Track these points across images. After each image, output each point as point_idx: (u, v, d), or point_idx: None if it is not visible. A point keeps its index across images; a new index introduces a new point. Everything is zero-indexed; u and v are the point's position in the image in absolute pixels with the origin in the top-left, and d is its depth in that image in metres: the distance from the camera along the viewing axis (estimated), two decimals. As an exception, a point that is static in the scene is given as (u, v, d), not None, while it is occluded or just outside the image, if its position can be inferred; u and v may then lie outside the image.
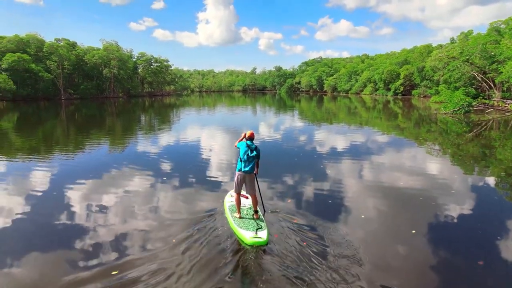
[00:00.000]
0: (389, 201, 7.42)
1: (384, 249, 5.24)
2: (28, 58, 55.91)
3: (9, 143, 15.79)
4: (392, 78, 68.63)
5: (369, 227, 6.05)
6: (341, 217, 6.51)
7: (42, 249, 5.22)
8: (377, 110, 37.09)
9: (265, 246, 5.18)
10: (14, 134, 18.91)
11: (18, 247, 5.25)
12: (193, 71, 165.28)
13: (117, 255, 4.93)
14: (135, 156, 12.47)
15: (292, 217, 6.23)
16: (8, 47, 56.39)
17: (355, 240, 5.37)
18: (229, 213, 6.14)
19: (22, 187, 8.36)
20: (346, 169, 10.28)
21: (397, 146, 14.92)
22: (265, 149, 13.90)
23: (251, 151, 5.94)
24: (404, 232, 5.87)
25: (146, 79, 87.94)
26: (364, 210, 6.83)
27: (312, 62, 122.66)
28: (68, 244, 5.32)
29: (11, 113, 33.35)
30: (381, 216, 6.60)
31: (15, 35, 59.68)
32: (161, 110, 40.66)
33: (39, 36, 63.66)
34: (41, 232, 5.86)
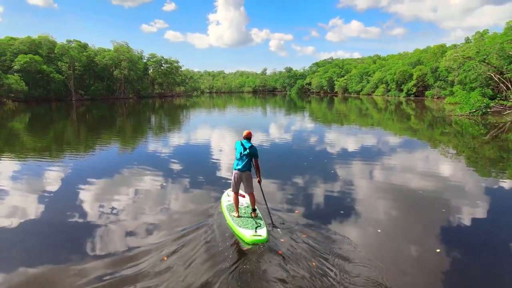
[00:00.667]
0: (407, 212, 6.90)
1: (404, 273, 4.59)
2: (40, 59, 56.62)
3: (21, 144, 15.88)
4: (405, 78, 67.59)
5: (385, 242, 5.44)
6: (355, 229, 5.87)
7: (55, 244, 5.39)
8: (389, 112, 36.43)
9: (266, 243, 5.17)
10: (26, 135, 19.04)
11: (31, 244, 5.39)
12: (204, 72, 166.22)
13: (121, 249, 5.11)
14: (145, 157, 12.48)
15: (302, 230, 5.62)
16: (21, 48, 57.22)
17: (372, 259, 4.77)
18: (227, 213, 6.12)
19: (35, 187, 8.41)
20: (359, 174, 9.82)
21: (409, 148, 14.44)
22: (274, 151, 13.74)
23: (244, 149, 6.00)
24: (427, 250, 5.25)
25: (156, 80, 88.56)
26: (380, 222, 6.20)
27: (323, 63, 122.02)
28: (78, 238, 5.52)
29: (23, 114, 33.73)
30: (400, 233, 5.82)
31: (28, 37, 60.52)
32: (171, 111, 40.73)
33: (51, 37, 64.55)
34: (53, 229, 5.97)
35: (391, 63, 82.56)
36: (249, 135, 6.23)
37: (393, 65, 77.15)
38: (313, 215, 6.42)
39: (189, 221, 6.09)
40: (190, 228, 5.71)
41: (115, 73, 70.02)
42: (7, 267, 4.62)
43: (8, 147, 14.97)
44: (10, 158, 12.20)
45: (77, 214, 6.55)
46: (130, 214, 6.59)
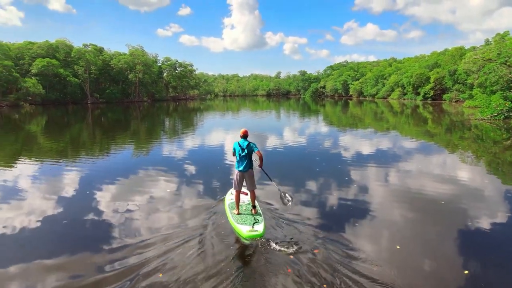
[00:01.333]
0: (428, 225, 6.32)
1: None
2: (57, 63, 57.91)
3: (38, 146, 16.14)
4: (422, 82, 66.25)
5: (406, 260, 4.99)
6: (371, 245, 5.38)
7: (72, 243, 5.56)
8: (405, 115, 35.65)
9: (262, 238, 5.44)
10: (43, 137, 19.35)
11: (49, 240, 5.68)
12: (218, 75, 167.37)
13: (133, 240, 5.49)
14: (159, 159, 12.64)
15: (314, 244, 5.29)
16: (39, 52, 58.66)
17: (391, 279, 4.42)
18: (229, 210, 6.43)
19: (52, 187, 8.61)
20: (375, 182, 9.37)
21: (427, 153, 13.91)
22: (287, 155, 13.50)
23: (243, 150, 6.20)
24: (454, 271, 4.92)
25: (170, 83, 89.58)
26: (399, 236, 5.76)
27: (337, 66, 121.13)
28: (91, 235, 5.83)
29: (40, 117, 34.42)
30: (421, 250, 5.26)
31: (45, 41, 62.04)
32: (185, 114, 40.92)
33: (68, 41, 66.09)
34: (70, 229, 6.12)
35: (408, 66, 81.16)
36: (245, 133, 6.40)
37: (409, 68, 75.82)
38: (326, 227, 6.04)
39: (196, 218, 6.40)
40: (195, 225, 6.08)
41: (130, 76, 71.08)
42: (27, 260, 4.89)
43: (26, 150, 15.26)
44: (29, 160, 12.37)
45: (91, 213, 6.75)
46: (142, 210, 6.94)
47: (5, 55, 53.38)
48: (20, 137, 19.51)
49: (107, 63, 69.21)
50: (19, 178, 9.61)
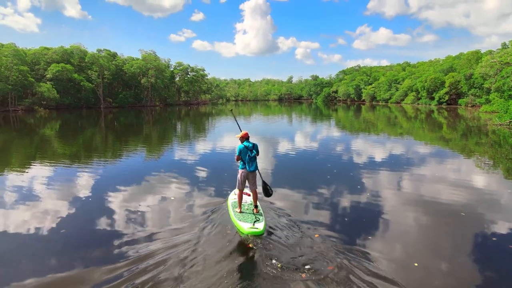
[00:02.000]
0: (448, 239, 5.93)
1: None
2: (71, 68, 58.97)
3: (52, 150, 16.39)
4: (436, 86, 65.19)
5: (425, 279, 4.59)
6: (387, 263, 4.93)
7: (83, 244, 5.72)
8: (419, 120, 35.03)
9: (262, 235, 5.68)
10: (57, 141, 19.63)
11: (62, 243, 5.74)
12: (230, 80, 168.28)
13: (143, 240, 5.73)
14: (169, 162, 12.94)
15: (325, 259, 5.00)
16: (54, 57, 59.87)
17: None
18: (231, 209, 6.65)
19: (65, 191, 8.75)
20: (389, 192, 9.03)
21: (443, 160, 13.55)
22: (298, 161, 13.36)
23: (251, 152, 6.46)
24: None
25: (182, 88, 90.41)
26: (417, 252, 5.34)
27: (350, 70, 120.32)
28: (103, 239, 5.93)
29: (54, 121, 35.04)
30: (442, 268, 4.86)
31: (60, 47, 63.28)
32: (197, 119, 41.10)
33: (82, 47, 67.32)
34: (81, 231, 6.28)
35: (422, 70, 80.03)
36: (246, 135, 6.70)
37: (423, 72, 74.73)
38: (337, 239, 5.74)
39: (200, 217, 6.73)
40: (199, 222, 6.41)
41: (143, 81, 71.92)
42: (40, 264, 4.98)
43: (41, 153, 15.53)
44: (43, 163, 12.58)
45: (103, 217, 6.87)
46: (150, 209, 7.36)
47: (21, 60, 54.60)
48: (35, 141, 19.87)
49: (120, 68, 70.18)
50: (34, 181, 9.79)
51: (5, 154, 15.33)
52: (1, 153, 15.79)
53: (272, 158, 13.65)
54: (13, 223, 6.56)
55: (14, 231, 6.17)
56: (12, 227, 6.36)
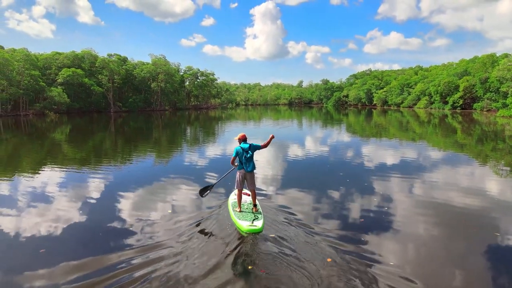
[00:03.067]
0: (469, 256, 5.50)
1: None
2: (82, 73, 59.76)
3: (63, 154, 16.53)
4: (450, 90, 64.03)
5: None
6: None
7: (93, 243, 5.93)
8: (432, 125, 34.30)
9: (260, 233, 5.93)
10: (67, 145, 19.80)
11: (74, 242, 5.97)
12: (240, 84, 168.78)
13: (148, 239, 5.91)
14: (177, 166, 13.22)
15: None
16: (65, 62, 60.80)
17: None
18: (231, 208, 6.89)
19: (76, 194, 8.90)
20: (402, 200, 8.72)
21: (458, 165, 13.12)
22: (307, 168, 13.08)
23: (247, 153, 6.71)
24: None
25: (192, 92, 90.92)
26: (433, 267, 5.09)
27: (361, 74, 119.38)
28: (113, 236, 6.28)
29: (64, 126, 35.45)
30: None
31: (72, 51, 64.24)
32: (206, 123, 41.11)
33: (93, 52, 68.26)
34: (91, 232, 6.43)
35: (435, 74, 78.82)
36: (244, 137, 6.96)
37: (436, 76, 73.60)
38: (339, 238, 5.76)
39: (203, 215, 7.00)
40: (201, 221, 6.65)
41: (153, 85, 72.51)
42: (52, 261, 5.14)
43: (51, 157, 15.71)
44: (54, 167, 12.70)
45: (112, 219, 7.03)
46: (155, 208, 7.70)
47: (33, 65, 55.60)
48: (45, 145, 20.04)
49: (130, 73, 70.94)
50: (45, 184, 9.91)
51: (17, 158, 15.56)
52: (13, 157, 15.98)
53: (281, 162, 13.55)
54: (25, 223, 6.73)
55: (27, 231, 6.34)
56: (24, 227, 6.54)
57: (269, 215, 6.83)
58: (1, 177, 11.11)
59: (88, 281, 4.47)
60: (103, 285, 4.36)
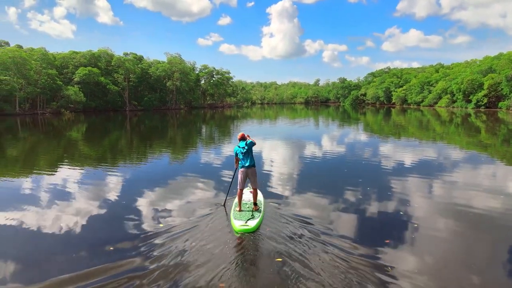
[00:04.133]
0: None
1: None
2: (98, 72, 60.68)
3: (79, 152, 16.78)
4: (474, 88, 62.09)
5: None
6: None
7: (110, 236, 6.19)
8: (454, 124, 33.19)
9: (253, 233, 5.87)
10: (84, 144, 20.11)
11: (92, 237, 6.16)
12: (256, 83, 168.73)
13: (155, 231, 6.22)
14: (191, 165, 13.12)
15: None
16: (81, 61, 61.89)
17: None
18: (233, 208, 6.93)
19: (91, 191, 9.09)
20: (423, 204, 8.41)
21: (482, 167, 12.52)
22: (325, 166, 12.84)
23: (243, 149, 6.85)
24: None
25: (208, 91, 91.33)
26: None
27: (379, 72, 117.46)
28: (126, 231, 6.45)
29: (80, 124, 36.05)
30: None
31: (88, 51, 65.34)
32: (222, 122, 41.15)
33: (109, 51, 69.23)
34: (109, 226, 6.75)
35: (457, 71, 76.63)
36: (243, 136, 7.07)
37: (459, 74, 71.42)
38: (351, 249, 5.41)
39: (206, 214, 6.97)
40: (201, 219, 6.64)
41: (168, 84, 73.07)
42: (73, 252, 5.41)
43: (68, 155, 16.00)
44: (71, 165, 13.03)
45: (128, 214, 7.20)
46: (165, 208, 7.66)
47: (51, 64, 56.76)
48: (61, 144, 20.41)
49: (146, 71, 71.63)
50: (63, 182, 10.12)
51: (35, 156, 15.87)
52: (31, 155, 16.29)
53: (296, 162, 13.39)
54: (45, 219, 6.96)
55: (47, 227, 6.57)
56: (45, 222, 6.77)
57: (272, 216, 6.75)
58: (20, 175, 11.39)
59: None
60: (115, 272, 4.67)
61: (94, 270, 4.74)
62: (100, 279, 4.49)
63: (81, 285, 4.38)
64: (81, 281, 4.48)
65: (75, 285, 4.38)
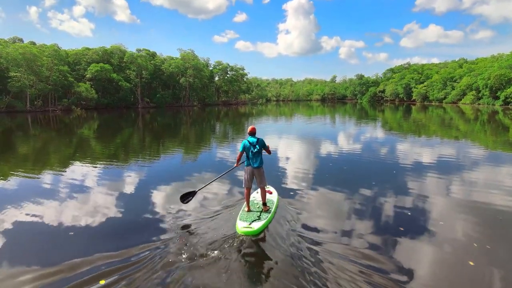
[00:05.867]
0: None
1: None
2: (110, 68, 60.94)
3: (91, 150, 16.79)
4: (502, 84, 59.66)
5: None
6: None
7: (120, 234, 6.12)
8: (480, 122, 31.83)
9: (255, 236, 5.60)
10: (95, 141, 20.18)
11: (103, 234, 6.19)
12: (271, 80, 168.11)
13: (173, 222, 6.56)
14: (205, 164, 12.83)
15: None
16: (94, 58, 62.40)
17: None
18: (242, 208, 6.71)
19: (103, 189, 9.03)
20: (440, 204, 7.95)
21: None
22: (337, 163, 12.35)
23: (254, 147, 6.42)
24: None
25: (222, 88, 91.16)
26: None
27: (398, 68, 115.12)
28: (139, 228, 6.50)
29: (92, 121, 36.35)
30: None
31: (101, 47, 65.92)
32: (236, 120, 40.70)
33: (122, 47, 69.68)
34: (120, 224, 6.71)
35: (482, 66, 73.95)
36: (253, 130, 6.64)
37: (485, 69, 68.86)
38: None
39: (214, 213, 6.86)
40: (204, 220, 6.48)
41: (181, 81, 73.19)
42: (86, 249, 5.43)
43: (80, 152, 16.09)
44: (81, 163, 12.78)
45: (139, 212, 7.19)
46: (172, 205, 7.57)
47: (63, 60, 57.27)
48: (74, 141, 20.49)
49: (159, 68, 71.75)
50: (73, 180, 10.06)
51: (45, 154, 15.92)
52: (41, 152, 16.34)
53: (311, 161, 13.06)
54: (59, 215, 7.06)
55: (61, 221, 6.70)
56: (58, 218, 6.89)
57: (284, 217, 6.56)
58: (31, 172, 11.33)
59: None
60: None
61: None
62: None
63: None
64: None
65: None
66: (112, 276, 4.54)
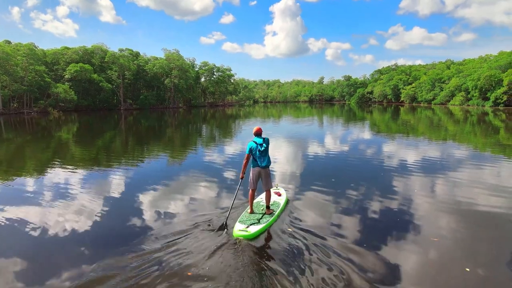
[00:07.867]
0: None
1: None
2: (90, 68, 59.32)
3: (70, 153, 16.26)
4: (492, 85, 60.58)
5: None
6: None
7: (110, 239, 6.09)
8: (470, 123, 32.18)
9: (250, 240, 5.51)
10: (74, 145, 19.54)
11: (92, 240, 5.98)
12: (259, 81, 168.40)
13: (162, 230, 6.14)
14: (196, 166, 12.66)
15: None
16: (73, 57, 60.65)
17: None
18: (246, 209, 6.65)
19: (84, 196, 8.64)
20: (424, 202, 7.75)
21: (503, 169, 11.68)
22: (328, 167, 12.04)
23: (261, 146, 6.40)
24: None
25: (208, 89, 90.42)
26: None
27: (386, 70, 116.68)
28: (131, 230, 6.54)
29: (71, 124, 35.38)
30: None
31: (81, 46, 64.24)
32: (222, 122, 40.11)
33: (104, 46, 68.21)
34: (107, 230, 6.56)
35: (471, 67, 75.26)
36: (259, 131, 6.63)
37: (473, 70, 70.03)
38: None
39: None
40: (204, 221, 6.41)
41: (166, 81, 72.12)
42: (75, 255, 5.38)
43: (58, 156, 15.60)
44: (57, 169, 12.20)
45: (127, 216, 7.10)
46: (166, 210, 7.51)
47: (39, 60, 55.52)
48: (51, 144, 19.79)
49: (142, 68, 70.51)
50: (51, 185, 9.74)
51: (19, 159, 15.06)
52: (15, 158, 15.53)
53: (300, 161, 12.97)
54: (37, 222, 6.76)
55: (47, 230, 6.45)
56: (45, 225, 6.64)
57: (284, 221, 6.39)
58: (3, 179, 10.78)
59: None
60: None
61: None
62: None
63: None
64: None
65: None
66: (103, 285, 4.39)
